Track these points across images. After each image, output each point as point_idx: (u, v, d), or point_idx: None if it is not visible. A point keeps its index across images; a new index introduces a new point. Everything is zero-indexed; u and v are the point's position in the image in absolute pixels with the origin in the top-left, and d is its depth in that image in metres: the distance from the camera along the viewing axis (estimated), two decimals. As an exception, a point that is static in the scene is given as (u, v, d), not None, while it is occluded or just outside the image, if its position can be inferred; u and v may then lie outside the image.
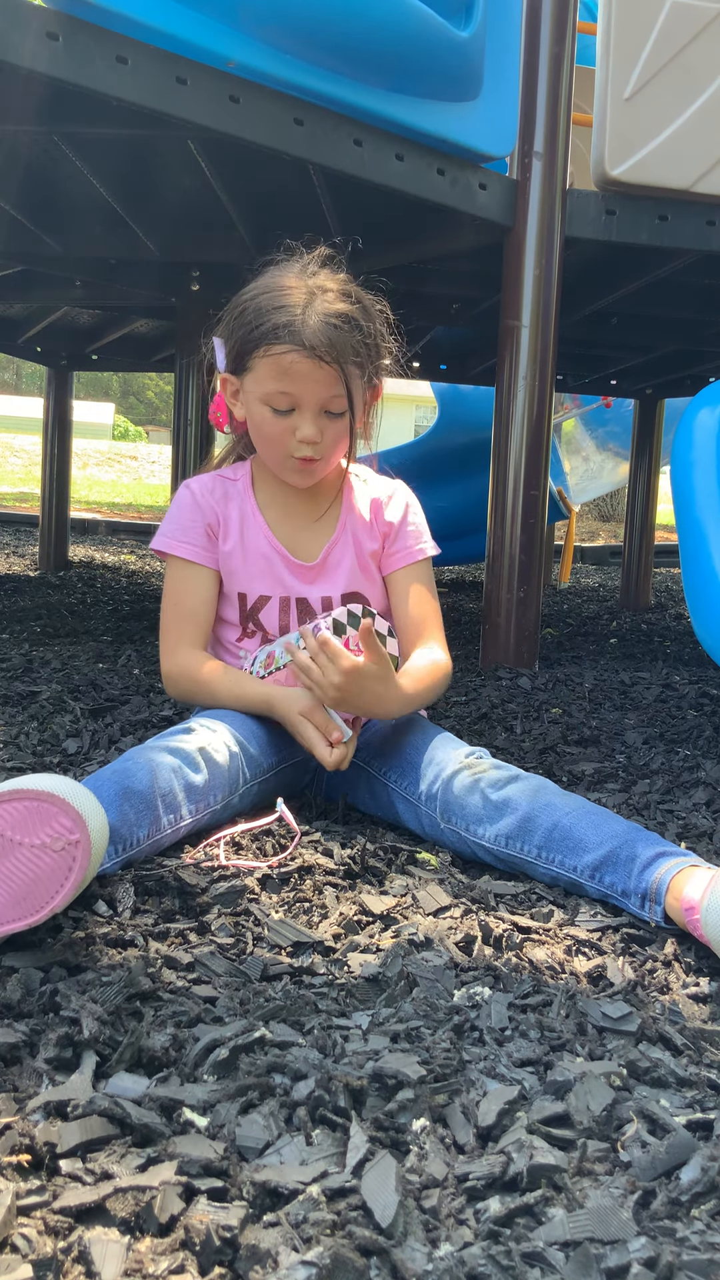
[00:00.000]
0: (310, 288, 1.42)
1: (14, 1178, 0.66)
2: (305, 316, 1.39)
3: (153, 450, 22.98)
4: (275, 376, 1.42)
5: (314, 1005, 0.91)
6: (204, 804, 1.28)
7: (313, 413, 1.43)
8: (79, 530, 7.67)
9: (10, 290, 3.72)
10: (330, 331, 1.39)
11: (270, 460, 1.52)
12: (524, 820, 1.25)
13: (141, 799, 1.20)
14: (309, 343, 1.38)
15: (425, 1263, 0.61)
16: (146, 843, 1.19)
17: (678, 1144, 0.72)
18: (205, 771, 1.29)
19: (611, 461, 6.18)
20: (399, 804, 1.40)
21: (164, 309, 3.88)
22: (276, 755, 1.44)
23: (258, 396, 1.45)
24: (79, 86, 1.83)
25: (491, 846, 1.27)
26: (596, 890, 1.19)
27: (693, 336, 3.74)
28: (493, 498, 2.66)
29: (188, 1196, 0.65)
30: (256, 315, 1.42)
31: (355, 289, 1.47)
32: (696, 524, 1.97)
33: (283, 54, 2.04)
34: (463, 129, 2.35)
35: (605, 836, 1.20)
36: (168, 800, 1.23)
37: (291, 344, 1.39)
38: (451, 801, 1.32)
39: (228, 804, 1.33)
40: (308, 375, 1.40)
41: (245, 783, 1.36)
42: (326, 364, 1.39)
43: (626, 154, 2.44)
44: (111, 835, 1.14)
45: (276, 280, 1.45)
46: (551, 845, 1.23)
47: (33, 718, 1.90)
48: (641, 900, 1.14)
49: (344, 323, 1.40)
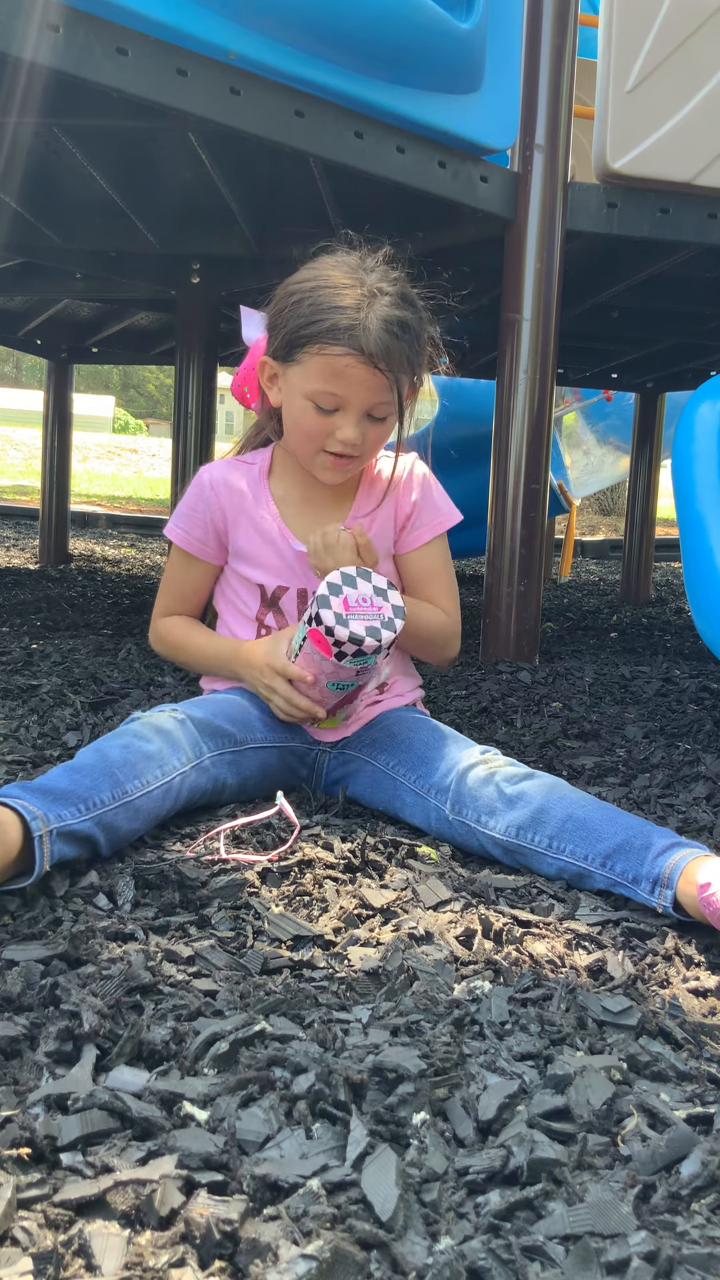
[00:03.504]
0: (370, 288, 1.40)
1: (14, 1171, 0.66)
2: (366, 321, 1.36)
3: (153, 443, 22.97)
4: (326, 377, 1.39)
5: (314, 999, 0.91)
6: (169, 765, 1.29)
7: (357, 415, 1.42)
8: (79, 523, 7.66)
9: (10, 282, 3.71)
10: (389, 340, 1.37)
11: (302, 454, 1.50)
12: (537, 812, 1.26)
13: (93, 769, 1.21)
14: (368, 350, 1.36)
15: (425, 1256, 0.61)
16: (116, 804, 1.19)
17: (678, 1138, 0.72)
18: (157, 740, 1.31)
19: (612, 455, 6.18)
20: (406, 796, 1.40)
21: (164, 301, 3.87)
22: (254, 733, 1.46)
23: (303, 392, 1.43)
24: (79, 78, 1.82)
25: (501, 837, 1.27)
26: (605, 878, 1.19)
27: (694, 330, 3.73)
28: (493, 491, 2.66)
29: (188, 1190, 0.65)
30: (313, 310, 1.39)
31: (410, 291, 1.45)
32: (697, 518, 1.97)
33: (283, 46, 2.03)
34: (464, 121, 2.35)
35: (620, 828, 1.21)
36: (126, 769, 1.23)
37: (349, 348, 1.36)
38: (465, 793, 1.32)
39: (199, 766, 1.34)
40: (360, 381, 1.39)
41: (213, 750, 1.37)
42: (382, 372, 1.38)
43: (628, 147, 2.43)
44: (67, 797, 1.15)
45: (333, 274, 1.42)
46: (564, 835, 1.23)
47: (33, 711, 1.90)
48: (653, 885, 1.14)
49: (403, 331, 1.39)
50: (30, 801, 1.11)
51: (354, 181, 2.37)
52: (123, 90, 1.87)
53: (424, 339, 1.46)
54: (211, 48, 1.95)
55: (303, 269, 1.47)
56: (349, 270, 1.43)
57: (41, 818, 1.09)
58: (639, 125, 2.42)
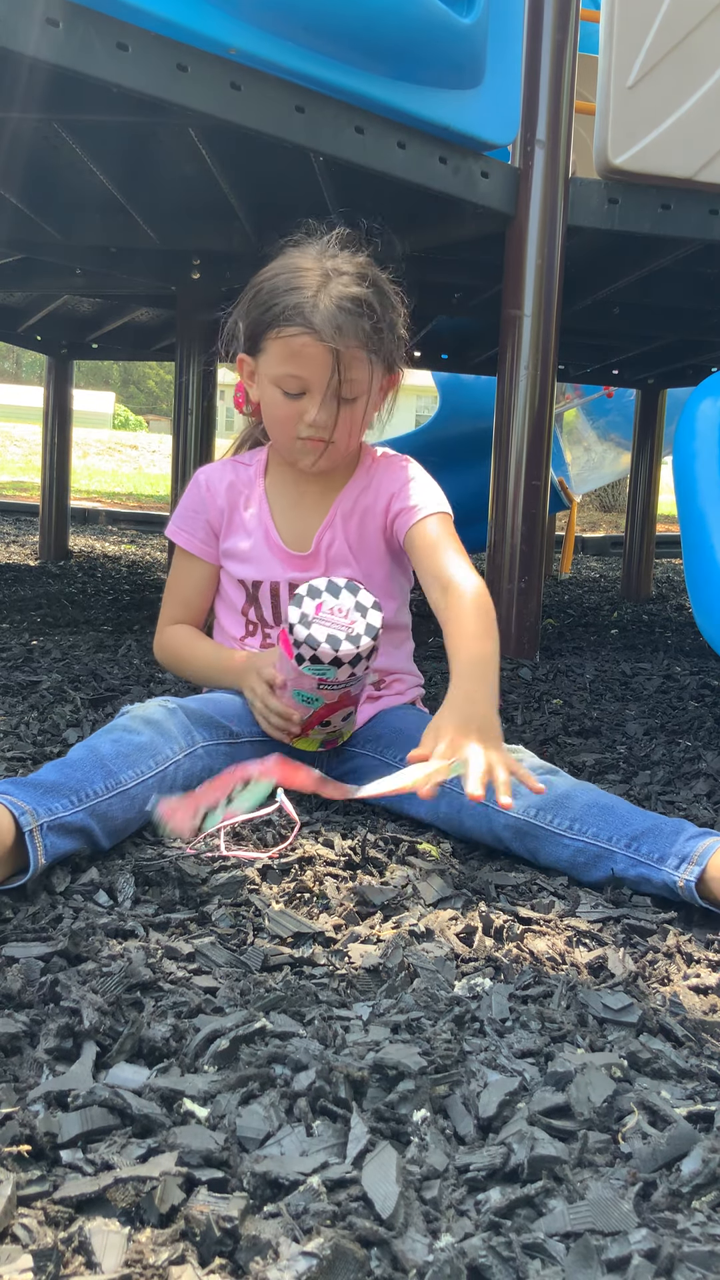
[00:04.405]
0: (326, 270, 1.41)
1: (14, 1168, 0.66)
2: (317, 299, 1.38)
3: (153, 439, 22.94)
4: (285, 359, 1.41)
5: (314, 996, 0.91)
6: (161, 754, 1.28)
7: (321, 396, 1.42)
8: (79, 520, 7.66)
9: (10, 278, 3.71)
10: (341, 316, 1.37)
11: (280, 443, 1.51)
12: (562, 796, 1.25)
13: (84, 763, 1.21)
14: (318, 325, 1.37)
15: (426, 1254, 0.61)
16: (109, 794, 1.18)
17: (678, 1135, 0.72)
18: (147, 732, 1.30)
19: (613, 452, 6.17)
20: None
21: (164, 297, 3.87)
22: (253, 727, 1.45)
23: (269, 379, 1.44)
24: (79, 73, 1.82)
25: (518, 817, 1.25)
26: (626, 858, 1.19)
27: (695, 326, 3.72)
28: (494, 488, 2.66)
29: (188, 1187, 0.65)
30: (270, 295, 1.41)
31: (374, 272, 1.45)
32: (698, 514, 1.97)
33: (284, 41, 2.02)
34: (465, 117, 2.34)
35: (649, 816, 1.23)
36: (119, 760, 1.23)
37: (301, 326, 1.38)
38: None
39: (192, 754, 1.34)
40: (316, 359, 1.39)
41: (207, 740, 1.37)
42: (339, 349, 1.38)
43: (629, 142, 2.43)
44: (57, 789, 1.15)
45: (293, 261, 1.44)
46: (588, 818, 1.23)
47: (33, 707, 1.90)
48: (680, 862, 1.14)
49: (357, 306, 1.39)
50: (19, 796, 1.10)
51: (355, 177, 2.37)
52: (123, 85, 1.87)
53: (392, 320, 1.45)
54: (212, 43, 1.95)
55: (269, 264, 1.48)
56: (310, 257, 1.44)
57: (30, 812, 1.09)
58: (640, 121, 2.42)
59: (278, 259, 1.47)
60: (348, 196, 2.61)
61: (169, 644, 1.62)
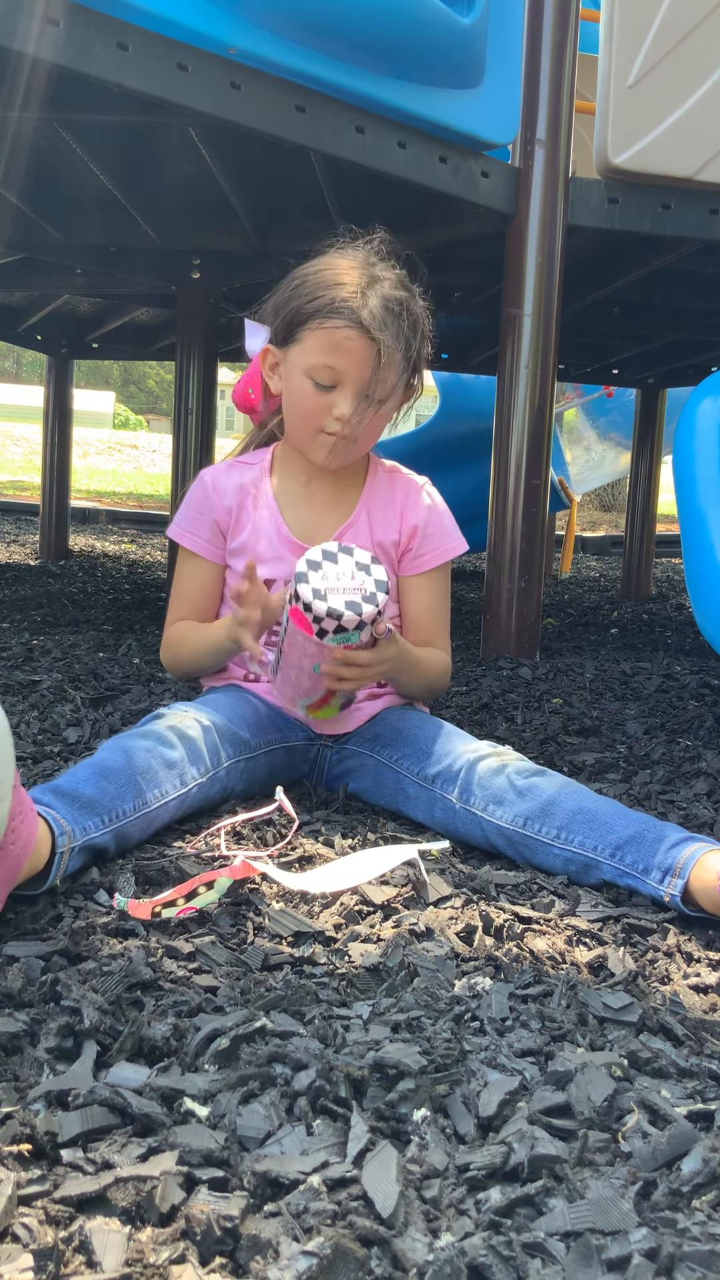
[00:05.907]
0: (371, 273, 1.44)
1: (15, 1167, 0.66)
2: (366, 297, 1.40)
3: (153, 439, 22.95)
4: (324, 350, 1.42)
5: (315, 995, 0.91)
6: (187, 776, 1.29)
7: (354, 392, 1.43)
8: (79, 519, 7.66)
9: (11, 278, 3.71)
10: (387, 315, 1.40)
11: (300, 436, 1.50)
12: (548, 803, 1.26)
13: (120, 775, 1.21)
14: (365, 321, 1.39)
15: (426, 1253, 0.61)
16: (135, 815, 1.20)
17: (679, 1135, 0.72)
18: (180, 748, 1.30)
19: (613, 451, 6.17)
20: (409, 789, 1.40)
21: (165, 297, 3.86)
22: (265, 735, 1.46)
23: (302, 368, 1.44)
24: (80, 73, 1.82)
25: (508, 827, 1.27)
26: (613, 868, 1.19)
27: (695, 326, 3.72)
28: (494, 487, 2.66)
29: (188, 1186, 0.65)
30: (315, 288, 1.43)
31: (411, 286, 1.48)
32: (698, 514, 1.97)
33: (284, 40, 2.02)
34: (465, 116, 2.34)
35: (632, 821, 1.22)
36: (148, 777, 1.23)
37: (348, 320, 1.40)
38: (474, 781, 1.32)
39: (214, 776, 1.34)
40: (358, 355, 1.41)
41: (230, 758, 1.37)
42: (378, 346, 1.40)
43: (629, 142, 2.43)
44: (93, 807, 1.16)
45: (338, 260, 1.47)
46: (574, 826, 1.23)
47: (33, 707, 1.90)
48: (663, 875, 1.15)
49: (400, 309, 1.42)
50: (60, 812, 1.12)
51: (355, 176, 2.37)
52: (123, 85, 1.87)
53: (422, 331, 1.48)
54: (212, 42, 1.95)
55: (309, 261, 1.50)
56: (354, 258, 1.47)
57: (69, 834, 1.10)
58: (640, 120, 2.42)
59: (321, 256, 1.49)
60: (348, 196, 2.61)
61: (171, 638, 1.61)
